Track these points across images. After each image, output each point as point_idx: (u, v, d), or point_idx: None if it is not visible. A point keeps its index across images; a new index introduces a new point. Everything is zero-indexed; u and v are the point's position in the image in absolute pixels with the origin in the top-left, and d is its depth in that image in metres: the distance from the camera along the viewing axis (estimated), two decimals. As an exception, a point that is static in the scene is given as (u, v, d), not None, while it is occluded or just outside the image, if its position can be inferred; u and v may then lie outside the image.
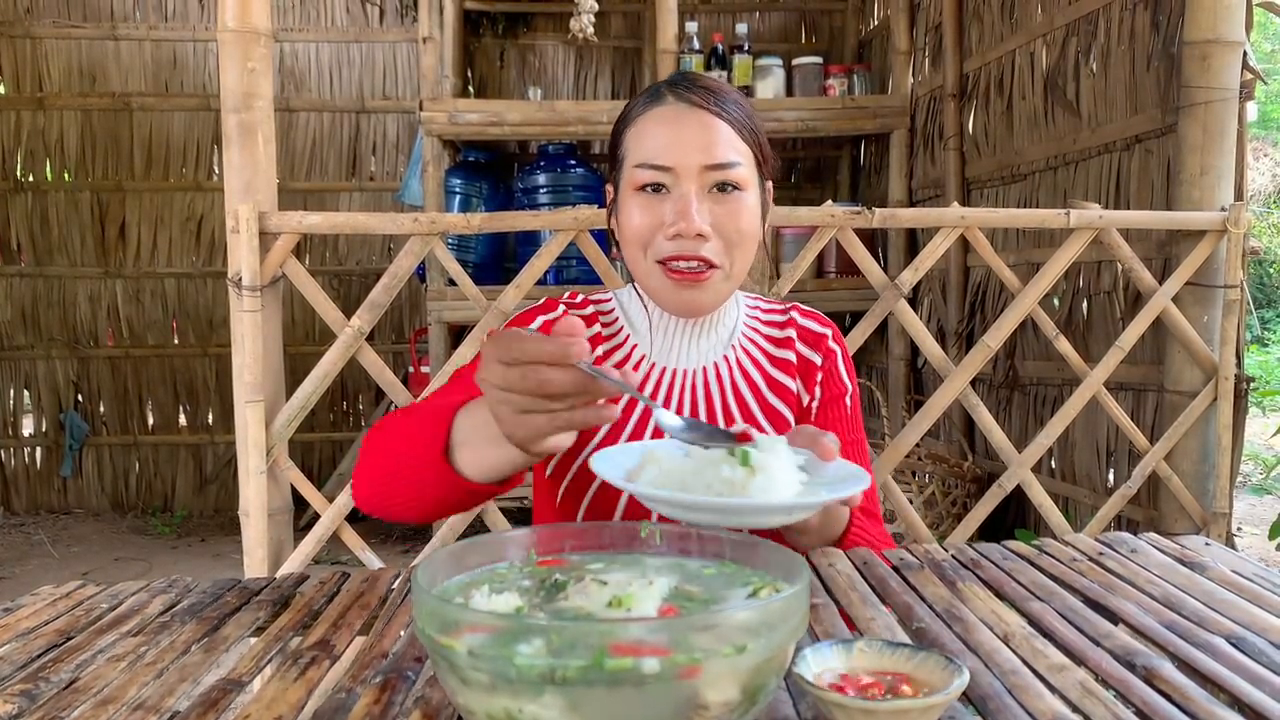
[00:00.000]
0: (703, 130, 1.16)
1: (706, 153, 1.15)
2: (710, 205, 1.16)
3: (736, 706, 0.60)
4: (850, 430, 1.30)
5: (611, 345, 1.29)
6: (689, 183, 1.15)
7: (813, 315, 1.34)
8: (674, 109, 1.18)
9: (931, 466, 3.34)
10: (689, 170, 1.15)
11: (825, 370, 1.30)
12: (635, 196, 1.18)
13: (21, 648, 0.89)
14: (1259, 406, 6.65)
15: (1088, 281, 2.93)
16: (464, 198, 4.09)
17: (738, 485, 0.84)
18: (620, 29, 4.92)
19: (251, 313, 2.02)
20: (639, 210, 1.18)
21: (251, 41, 2.04)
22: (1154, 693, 0.74)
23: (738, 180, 1.17)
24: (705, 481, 0.86)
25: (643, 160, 1.17)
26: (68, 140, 4.90)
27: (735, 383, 1.27)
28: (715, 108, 1.17)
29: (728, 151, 1.16)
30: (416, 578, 0.65)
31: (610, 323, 1.31)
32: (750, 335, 1.31)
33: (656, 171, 1.16)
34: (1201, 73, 2.28)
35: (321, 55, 4.98)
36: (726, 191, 1.16)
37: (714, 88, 1.20)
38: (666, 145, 1.16)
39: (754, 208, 1.19)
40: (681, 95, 1.18)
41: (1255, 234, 5.90)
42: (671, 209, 1.16)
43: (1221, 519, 2.33)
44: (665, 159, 1.16)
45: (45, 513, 4.98)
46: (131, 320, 4.99)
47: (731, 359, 1.28)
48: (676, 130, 1.16)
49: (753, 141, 1.20)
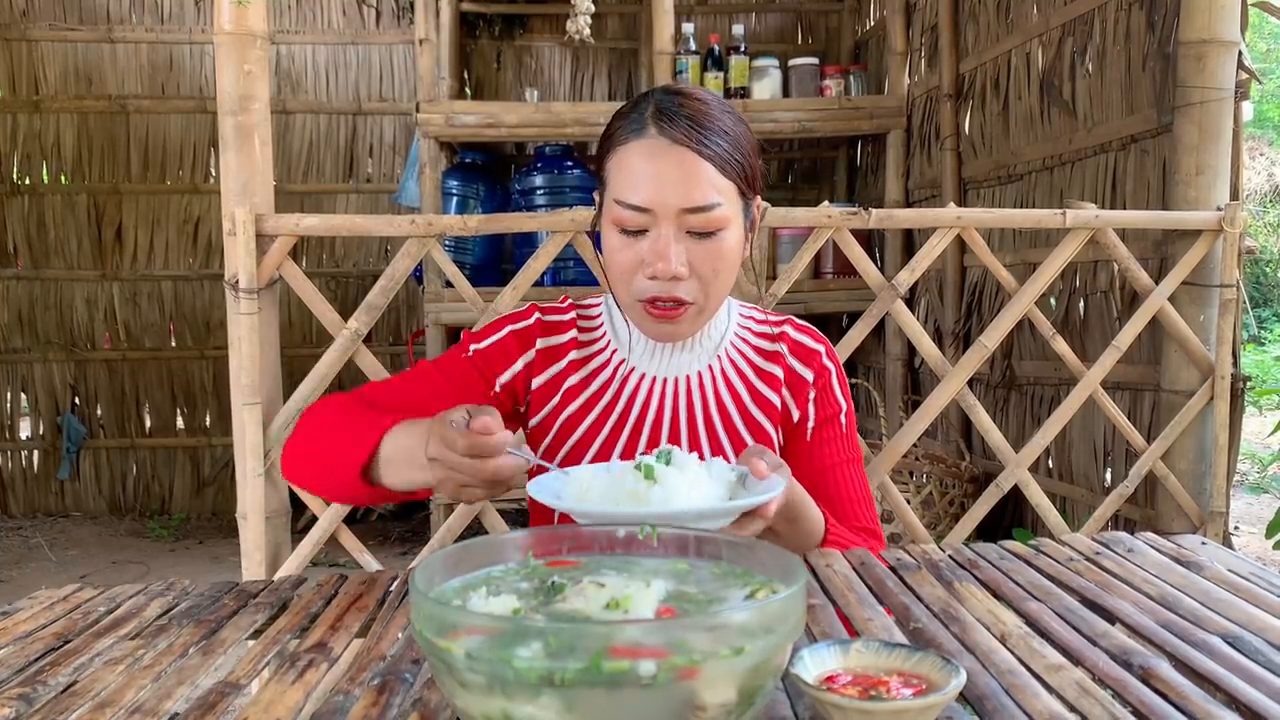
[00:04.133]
0: (682, 171, 1.14)
1: (685, 196, 1.13)
2: (689, 245, 1.15)
3: (734, 708, 0.60)
4: (845, 449, 1.29)
5: (589, 351, 1.29)
6: (667, 224, 1.14)
7: (807, 330, 1.33)
8: (655, 145, 1.15)
9: (929, 466, 3.35)
10: (667, 212, 1.14)
11: (818, 388, 1.29)
12: (615, 232, 1.18)
13: (19, 651, 0.89)
14: (1255, 405, 6.66)
15: (1084, 281, 2.93)
16: (461, 199, 4.09)
17: (640, 496, 0.92)
18: (617, 30, 4.92)
19: (248, 315, 2.02)
20: (618, 248, 1.18)
21: (247, 44, 2.03)
22: (1151, 692, 0.75)
23: (717, 222, 1.15)
24: (613, 497, 0.93)
25: (621, 198, 1.16)
26: (64, 143, 4.90)
27: (718, 392, 1.27)
28: (697, 146, 1.14)
29: (708, 193, 1.14)
30: (414, 580, 0.66)
31: (593, 328, 1.31)
32: (739, 346, 1.30)
33: (635, 213, 1.15)
34: (1197, 73, 2.29)
35: (318, 57, 4.98)
36: (706, 235, 1.15)
37: (699, 118, 1.15)
38: (645, 185, 1.14)
39: (734, 244, 1.18)
40: (665, 129, 1.15)
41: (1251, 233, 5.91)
42: (649, 249, 1.15)
43: (1218, 518, 2.33)
44: (643, 199, 1.14)
45: (43, 516, 4.97)
46: (129, 323, 4.98)
47: (716, 369, 1.28)
48: (656, 169, 1.14)
49: (737, 173, 1.17)
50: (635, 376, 1.27)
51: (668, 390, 1.26)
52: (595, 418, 1.26)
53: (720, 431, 1.25)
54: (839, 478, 1.28)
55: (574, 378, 1.28)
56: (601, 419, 1.25)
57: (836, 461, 1.28)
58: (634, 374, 1.27)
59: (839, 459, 1.28)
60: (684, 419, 1.25)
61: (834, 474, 1.28)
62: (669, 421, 1.25)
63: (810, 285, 3.94)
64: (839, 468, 1.28)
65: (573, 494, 0.97)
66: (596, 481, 0.96)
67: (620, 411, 1.26)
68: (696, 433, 1.25)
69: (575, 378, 1.28)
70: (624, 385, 1.26)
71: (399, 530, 4.57)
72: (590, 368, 1.28)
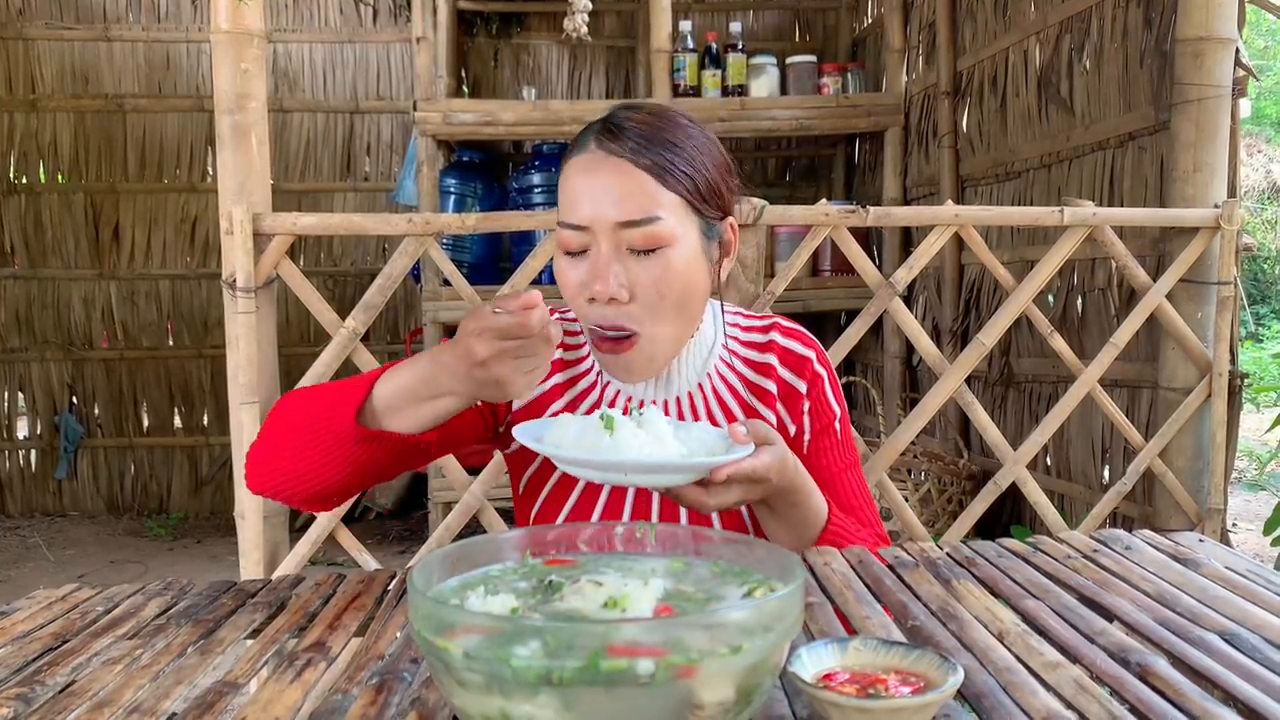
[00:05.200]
0: (619, 183, 1.07)
1: (620, 209, 1.07)
2: (630, 264, 1.08)
3: (732, 706, 0.60)
4: (842, 456, 1.25)
5: (575, 372, 1.23)
6: (605, 242, 1.08)
7: (795, 335, 1.26)
8: (592, 159, 1.09)
9: (927, 464, 3.35)
10: (603, 227, 1.07)
11: (813, 399, 1.23)
12: (560, 255, 1.13)
13: (17, 651, 0.89)
14: (1253, 403, 6.67)
15: (1082, 279, 2.93)
16: (459, 198, 4.08)
17: (596, 445, 0.97)
18: (614, 28, 4.92)
19: (246, 314, 2.02)
20: (564, 271, 1.12)
21: (244, 42, 2.03)
22: (1148, 689, 0.75)
23: (659, 238, 1.07)
24: (580, 444, 0.98)
25: (562, 218, 1.11)
26: (61, 142, 4.89)
27: (711, 414, 1.21)
28: (634, 156, 1.08)
29: (645, 206, 1.07)
30: (412, 579, 0.66)
31: (577, 345, 1.24)
32: (729, 360, 1.23)
33: (573, 231, 1.09)
34: (1194, 70, 2.29)
35: (315, 56, 4.97)
36: (647, 253, 1.08)
37: (644, 130, 1.10)
38: (581, 201, 1.09)
39: (682, 265, 1.09)
40: (604, 143, 1.09)
41: (1248, 230, 5.91)
42: (588, 269, 1.09)
43: (1216, 515, 2.34)
44: (579, 216, 1.08)
45: (40, 515, 4.96)
46: (126, 322, 4.98)
47: (707, 388, 1.21)
48: (591, 184, 1.09)
49: (687, 188, 1.10)
50: (622, 399, 1.20)
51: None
52: None
53: None
54: (839, 487, 1.24)
55: (559, 402, 1.21)
56: None
57: (835, 471, 1.24)
58: (620, 397, 1.21)
59: (837, 468, 1.24)
60: None
61: (836, 483, 1.23)
62: None
63: (808, 283, 3.94)
64: (838, 477, 1.24)
65: (553, 439, 1.00)
66: (572, 428, 1.00)
67: None
68: None
69: (560, 403, 1.21)
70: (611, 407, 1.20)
71: (397, 529, 4.57)
72: (576, 390, 1.22)
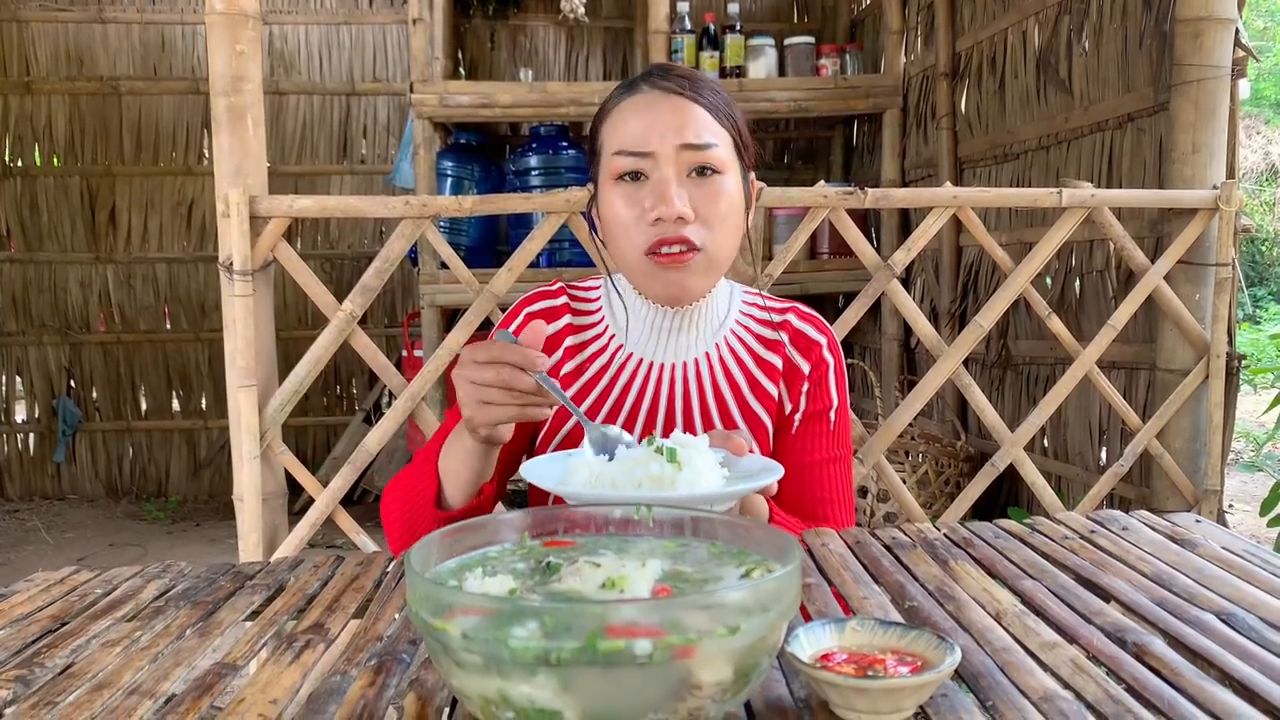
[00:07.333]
0: (679, 114, 1.16)
1: (681, 134, 1.15)
2: (690, 189, 1.16)
3: (730, 686, 0.61)
4: (831, 447, 1.26)
5: (586, 336, 1.28)
6: (667, 166, 1.15)
7: (811, 320, 1.30)
8: (649, 96, 1.19)
9: (925, 446, 3.35)
10: (666, 153, 1.15)
11: (813, 380, 1.26)
12: (616, 186, 1.18)
13: (16, 633, 0.89)
14: (1250, 384, 6.68)
15: (1080, 260, 2.93)
16: (455, 180, 4.07)
17: (665, 481, 0.89)
18: (611, 9, 4.89)
19: (243, 297, 2.02)
20: (620, 200, 1.18)
21: (240, 24, 2.02)
22: (1144, 669, 0.75)
23: (716, 163, 1.17)
24: (635, 480, 0.90)
25: (620, 147, 1.17)
26: (56, 125, 4.87)
27: (715, 380, 1.25)
28: (691, 93, 1.18)
29: (704, 133, 1.16)
30: (410, 561, 0.66)
31: (591, 311, 1.29)
32: (739, 333, 1.28)
33: (635, 158, 1.16)
34: (1193, 51, 2.28)
35: (311, 38, 4.95)
36: (705, 175, 1.16)
37: (689, 75, 1.20)
38: (643, 130, 1.16)
39: (734, 192, 1.19)
40: (656, 83, 1.19)
41: (1247, 212, 5.90)
42: (651, 194, 1.15)
43: (1213, 496, 2.34)
44: (642, 144, 1.16)
45: (39, 499, 4.97)
46: (123, 306, 4.97)
47: (714, 356, 1.26)
48: (653, 115, 1.17)
49: (731, 127, 1.20)
50: (633, 362, 1.25)
51: (664, 376, 1.24)
52: (590, 405, 1.24)
53: (716, 420, 1.23)
54: (819, 476, 1.25)
55: (569, 364, 1.26)
56: (597, 405, 1.24)
57: (820, 459, 1.25)
58: (631, 360, 1.25)
59: (822, 456, 1.25)
60: (680, 406, 1.23)
61: (815, 471, 1.25)
62: (665, 409, 1.23)
63: (806, 265, 3.94)
64: (821, 465, 1.25)
65: (582, 479, 0.92)
66: (604, 469, 0.93)
67: (616, 398, 1.24)
68: (692, 420, 1.23)
69: (571, 364, 1.26)
70: (621, 371, 1.24)
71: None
72: (586, 354, 1.26)
